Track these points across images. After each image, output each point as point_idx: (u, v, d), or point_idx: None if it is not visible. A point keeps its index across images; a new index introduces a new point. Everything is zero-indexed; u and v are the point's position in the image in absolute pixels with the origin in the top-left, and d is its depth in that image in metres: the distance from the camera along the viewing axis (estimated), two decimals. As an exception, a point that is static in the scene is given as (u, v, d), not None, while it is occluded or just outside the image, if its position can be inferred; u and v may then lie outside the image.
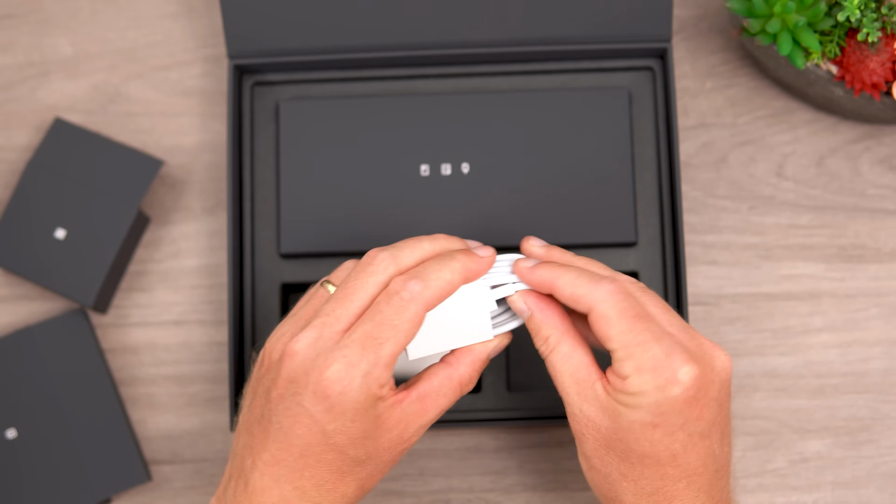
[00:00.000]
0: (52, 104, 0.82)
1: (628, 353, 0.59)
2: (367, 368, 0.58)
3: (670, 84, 0.76)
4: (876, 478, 0.76)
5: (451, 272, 0.61)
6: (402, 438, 0.61)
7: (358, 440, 0.59)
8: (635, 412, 0.58)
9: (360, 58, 0.77)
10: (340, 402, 0.58)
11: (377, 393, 0.59)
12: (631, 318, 0.59)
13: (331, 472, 0.60)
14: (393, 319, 0.59)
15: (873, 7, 0.72)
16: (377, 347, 0.59)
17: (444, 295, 0.60)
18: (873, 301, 0.78)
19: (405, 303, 0.59)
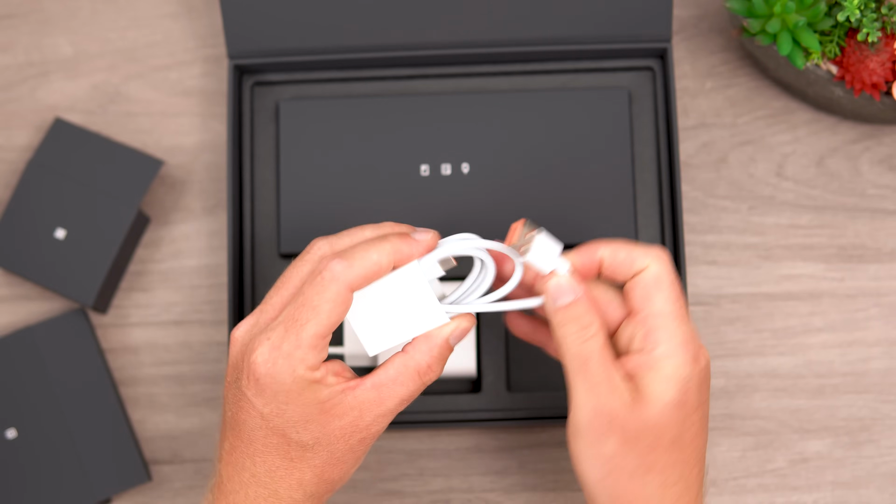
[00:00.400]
0: (53, 104, 0.82)
1: (665, 322, 0.60)
2: (288, 350, 0.58)
3: (670, 84, 0.76)
4: (876, 478, 0.76)
5: (378, 252, 0.59)
6: (356, 427, 0.60)
7: (298, 423, 0.59)
8: (667, 390, 0.59)
9: (360, 58, 0.77)
10: (269, 384, 0.59)
11: (306, 375, 0.59)
12: (678, 290, 0.61)
13: (279, 457, 0.60)
14: (313, 300, 0.58)
15: (873, 7, 0.72)
16: (298, 329, 0.58)
17: (369, 275, 0.59)
18: (873, 301, 0.78)
19: (326, 282, 0.58)
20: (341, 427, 0.60)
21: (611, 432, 0.59)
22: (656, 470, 0.59)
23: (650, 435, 0.59)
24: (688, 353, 0.60)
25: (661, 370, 0.59)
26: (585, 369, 0.60)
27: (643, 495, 0.60)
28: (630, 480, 0.60)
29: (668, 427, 0.59)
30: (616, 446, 0.59)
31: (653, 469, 0.59)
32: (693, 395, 0.60)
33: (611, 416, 0.59)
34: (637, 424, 0.59)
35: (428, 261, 0.61)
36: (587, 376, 0.60)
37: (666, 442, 0.59)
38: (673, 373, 0.59)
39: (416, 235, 0.61)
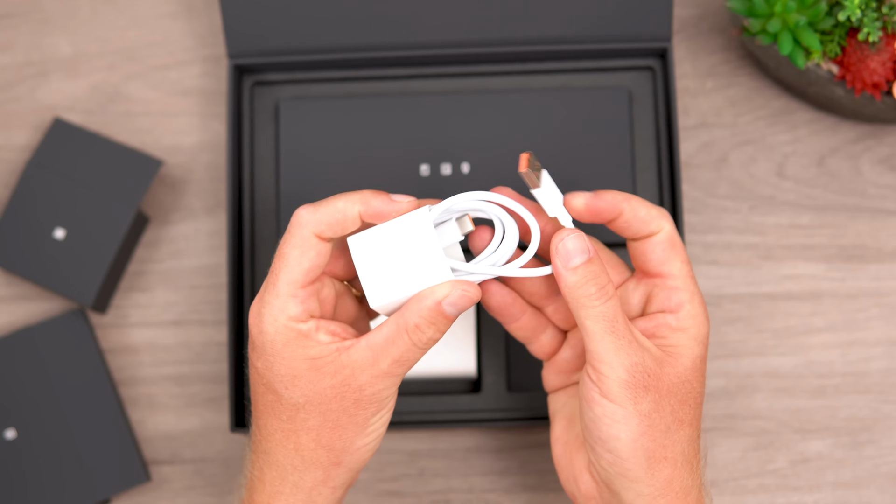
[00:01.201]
0: (52, 104, 0.81)
1: (683, 283, 0.62)
2: (269, 300, 0.59)
3: (671, 84, 0.76)
4: (877, 478, 0.76)
5: (344, 201, 0.60)
6: (349, 386, 0.59)
7: (286, 378, 0.59)
8: (694, 348, 0.61)
9: (360, 58, 0.77)
10: (258, 338, 0.60)
11: (289, 325, 0.59)
12: (685, 251, 0.63)
13: (277, 418, 0.60)
14: (283, 250, 0.60)
15: (874, 7, 0.72)
16: (275, 280, 0.59)
17: (333, 222, 0.59)
18: (874, 301, 0.78)
19: (292, 229, 0.60)
20: (333, 386, 0.59)
21: (647, 390, 0.59)
22: (686, 423, 0.61)
23: (682, 390, 0.60)
24: (705, 312, 0.62)
25: (689, 329, 0.61)
26: (614, 329, 0.59)
27: (677, 449, 0.60)
28: (665, 435, 0.60)
29: (695, 382, 0.61)
30: (652, 403, 0.60)
31: (684, 423, 0.61)
32: (704, 351, 0.62)
33: (646, 373, 0.59)
34: (671, 380, 0.60)
35: (438, 209, 0.60)
36: (617, 336, 0.59)
37: (694, 395, 0.61)
38: (698, 332, 0.61)
39: (394, 197, 0.61)
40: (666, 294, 0.62)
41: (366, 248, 0.60)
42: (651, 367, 0.60)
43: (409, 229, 0.59)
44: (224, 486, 0.77)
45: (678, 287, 0.62)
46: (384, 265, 0.59)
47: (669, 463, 0.60)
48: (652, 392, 0.59)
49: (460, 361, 0.74)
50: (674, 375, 0.60)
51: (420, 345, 0.60)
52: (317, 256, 0.59)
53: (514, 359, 0.77)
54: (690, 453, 0.61)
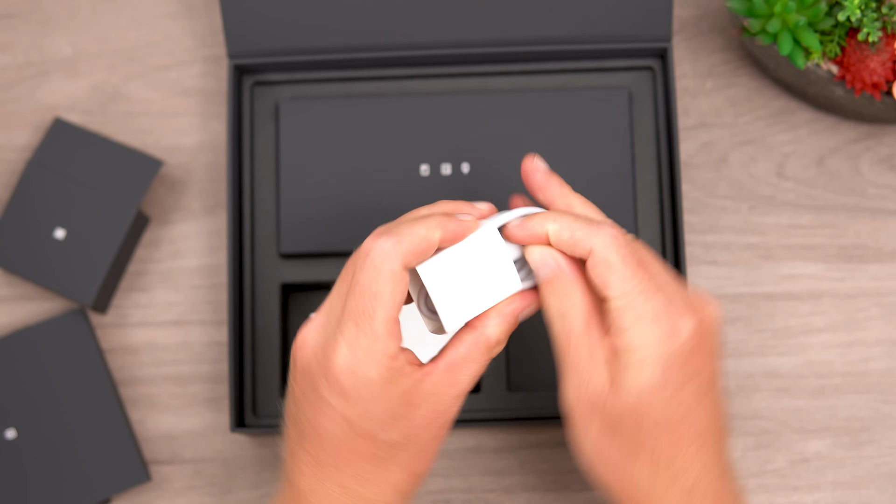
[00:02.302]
0: (52, 104, 0.82)
1: (629, 301, 0.56)
2: (367, 344, 0.55)
3: (670, 84, 0.76)
4: (877, 478, 0.76)
5: (426, 227, 0.57)
6: (437, 412, 0.58)
7: (385, 422, 0.56)
8: (642, 372, 0.56)
9: (360, 58, 0.77)
10: (353, 385, 0.56)
11: (389, 365, 0.56)
12: (634, 265, 0.56)
13: (368, 461, 0.57)
14: (371, 287, 0.56)
15: (874, 7, 0.72)
16: (369, 321, 0.56)
17: (419, 251, 0.57)
18: (874, 301, 0.78)
19: (377, 264, 0.56)
20: (423, 416, 0.57)
21: (592, 417, 0.57)
22: (644, 455, 0.57)
23: (630, 420, 0.56)
24: (661, 328, 0.56)
25: (633, 353, 0.56)
26: (567, 348, 0.57)
27: (633, 481, 0.57)
28: (617, 467, 0.57)
29: (651, 410, 0.56)
30: (598, 432, 0.57)
31: (639, 454, 0.57)
32: (678, 370, 0.56)
33: (591, 400, 0.57)
34: (616, 409, 0.56)
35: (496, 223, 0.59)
36: (569, 356, 0.57)
37: (650, 425, 0.56)
38: (647, 354, 0.56)
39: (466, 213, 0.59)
40: (611, 317, 0.57)
41: (436, 273, 0.59)
42: (597, 395, 0.57)
43: (477, 248, 0.59)
44: (224, 486, 0.77)
45: (620, 308, 0.56)
46: (455, 286, 0.59)
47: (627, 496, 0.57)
48: (597, 420, 0.57)
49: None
50: (619, 405, 0.56)
51: (493, 357, 0.59)
52: (405, 288, 0.57)
53: (514, 359, 0.77)
54: (658, 484, 0.57)
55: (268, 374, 0.76)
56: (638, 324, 0.56)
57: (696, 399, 0.57)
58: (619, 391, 0.56)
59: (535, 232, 0.58)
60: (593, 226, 0.57)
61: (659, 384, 0.56)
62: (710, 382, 0.57)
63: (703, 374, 0.57)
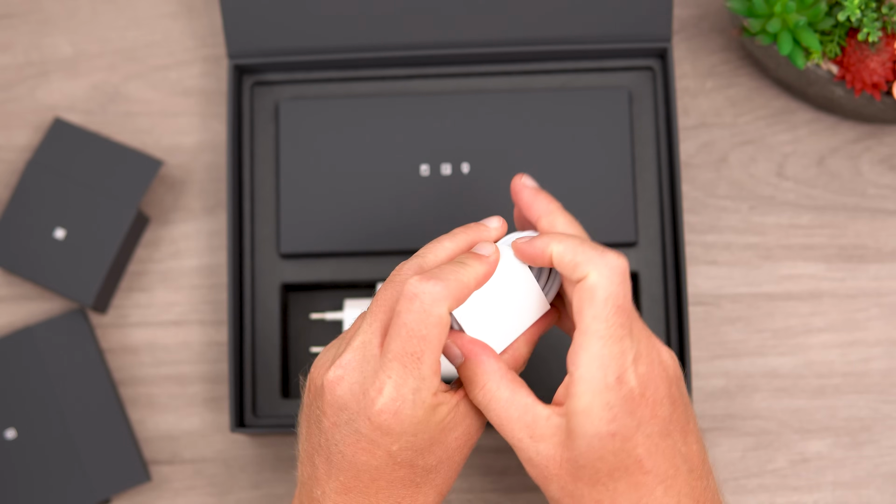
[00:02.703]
0: (52, 104, 0.81)
1: (588, 342, 0.56)
2: (415, 386, 0.57)
3: (670, 84, 0.76)
4: (876, 478, 0.76)
5: (466, 274, 0.59)
6: (469, 434, 0.59)
7: (426, 450, 0.58)
8: (590, 423, 0.56)
9: (360, 58, 0.77)
10: (398, 423, 0.57)
11: (432, 402, 0.57)
12: (613, 308, 0.57)
13: (405, 486, 0.58)
14: (420, 331, 0.57)
15: (874, 7, 0.72)
16: (417, 364, 0.57)
17: (461, 296, 0.58)
18: (874, 301, 0.78)
19: (427, 308, 0.57)
20: (457, 438, 0.59)
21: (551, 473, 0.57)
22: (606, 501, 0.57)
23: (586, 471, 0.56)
24: (607, 376, 0.56)
25: (580, 398, 0.56)
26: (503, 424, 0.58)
27: None
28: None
29: (603, 459, 0.56)
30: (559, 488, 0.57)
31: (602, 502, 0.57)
32: (625, 418, 0.56)
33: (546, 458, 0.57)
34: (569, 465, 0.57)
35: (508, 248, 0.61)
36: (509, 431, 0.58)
37: (605, 472, 0.56)
38: (592, 401, 0.56)
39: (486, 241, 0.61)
40: (571, 351, 0.57)
41: (471, 312, 0.60)
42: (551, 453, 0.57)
43: (503, 278, 0.61)
44: (224, 486, 0.77)
45: (580, 346, 0.57)
46: (489, 319, 0.60)
47: None
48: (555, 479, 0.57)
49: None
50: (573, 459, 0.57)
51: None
52: (447, 331, 0.58)
53: (514, 359, 0.77)
54: None
55: (268, 375, 0.76)
56: (588, 366, 0.56)
57: (649, 447, 0.57)
58: (572, 444, 0.57)
59: (539, 252, 0.59)
60: (600, 251, 0.58)
61: (607, 436, 0.56)
62: (664, 428, 0.57)
63: (655, 419, 0.57)
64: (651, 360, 0.58)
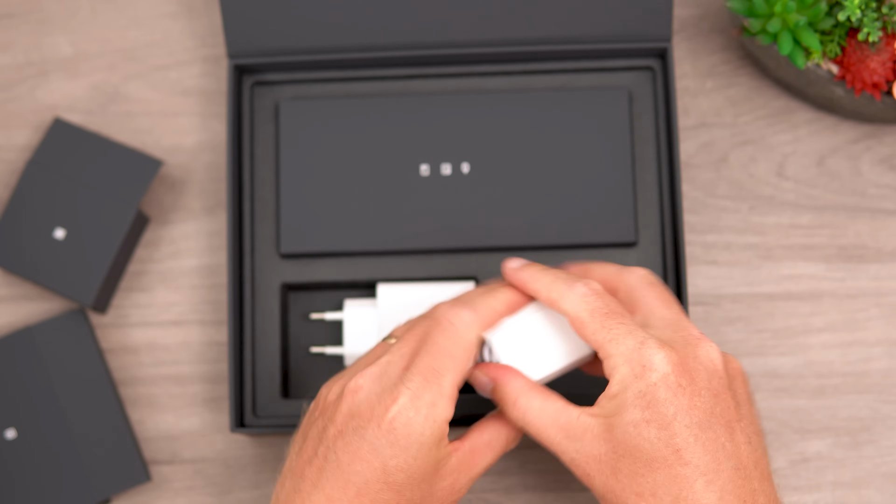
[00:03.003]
0: (52, 104, 0.82)
1: (604, 352, 0.59)
2: (431, 400, 0.58)
3: (670, 84, 0.76)
4: (876, 478, 0.76)
5: (495, 300, 0.62)
6: (453, 489, 0.60)
7: (416, 481, 0.58)
8: (625, 413, 0.57)
9: (360, 58, 0.77)
10: (406, 435, 0.57)
11: (442, 428, 0.58)
12: (602, 317, 0.59)
13: None
14: (449, 349, 0.59)
15: (874, 7, 0.72)
16: (439, 378, 0.58)
17: (490, 322, 0.61)
18: (874, 301, 0.78)
19: (458, 330, 0.59)
20: (443, 488, 0.60)
21: (592, 470, 0.58)
22: (647, 494, 0.57)
23: (626, 462, 0.57)
24: (634, 366, 0.58)
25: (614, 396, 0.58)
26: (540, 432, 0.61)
27: None
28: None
29: (640, 448, 0.57)
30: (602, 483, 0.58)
31: (643, 494, 0.57)
32: (661, 406, 0.57)
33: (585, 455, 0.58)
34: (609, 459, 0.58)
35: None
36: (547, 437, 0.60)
37: (643, 462, 0.57)
38: (626, 396, 0.57)
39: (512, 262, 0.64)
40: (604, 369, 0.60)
41: (506, 339, 0.63)
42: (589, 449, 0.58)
43: (540, 314, 0.63)
44: (224, 486, 0.77)
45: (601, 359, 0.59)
46: (524, 351, 0.62)
47: None
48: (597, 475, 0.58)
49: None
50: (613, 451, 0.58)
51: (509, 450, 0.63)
52: (473, 357, 0.61)
53: (514, 359, 0.77)
54: None
55: (268, 375, 0.76)
56: (614, 369, 0.58)
57: (689, 435, 0.57)
58: (609, 436, 0.58)
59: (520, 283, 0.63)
60: (567, 284, 0.61)
61: (642, 424, 0.57)
62: (706, 420, 0.57)
63: (694, 410, 0.57)
64: (682, 351, 0.58)
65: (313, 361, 0.77)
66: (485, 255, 0.76)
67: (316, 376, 0.77)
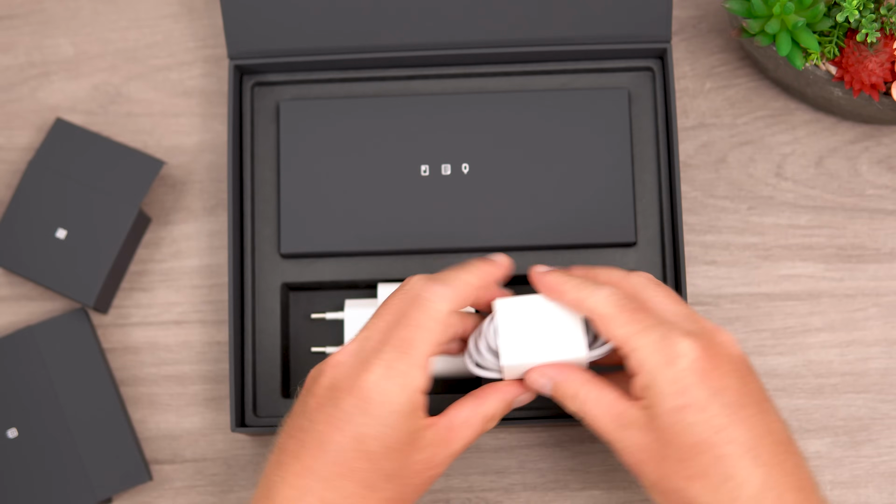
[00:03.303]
0: (53, 104, 0.82)
1: (631, 345, 0.61)
2: (404, 370, 0.60)
3: (670, 84, 0.76)
4: (875, 477, 0.76)
5: (469, 275, 0.64)
6: (431, 464, 0.62)
7: (391, 450, 0.60)
8: (662, 402, 0.59)
9: (360, 58, 0.77)
10: (380, 404, 0.59)
11: (414, 399, 0.60)
12: (628, 312, 0.61)
13: (360, 484, 0.60)
14: (422, 322, 0.61)
15: (872, 7, 0.72)
16: (412, 349, 0.60)
17: (464, 296, 0.63)
18: (872, 301, 0.78)
19: (435, 305, 0.61)
20: (420, 461, 0.61)
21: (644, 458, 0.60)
22: (697, 477, 0.59)
23: (672, 449, 0.59)
24: (662, 356, 0.60)
25: (650, 388, 0.60)
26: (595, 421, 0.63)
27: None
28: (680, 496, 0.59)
29: (683, 432, 0.59)
30: (653, 471, 0.60)
31: (693, 477, 0.59)
32: (695, 390, 0.59)
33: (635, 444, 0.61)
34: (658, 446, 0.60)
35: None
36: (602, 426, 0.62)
37: (689, 446, 0.59)
38: (660, 386, 0.59)
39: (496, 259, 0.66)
40: (627, 364, 0.62)
41: (510, 312, 0.65)
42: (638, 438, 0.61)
43: (553, 306, 0.65)
44: (224, 486, 0.77)
45: (628, 353, 0.61)
46: (523, 331, 0.64)
47: None
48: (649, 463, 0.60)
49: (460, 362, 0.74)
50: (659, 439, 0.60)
51: (487, 430, 0.65)
52: (448, 334, 0.63)
53: (514, 358, 0.77)
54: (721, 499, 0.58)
55: (268, 374, 0.76)
56: (643, 362, 0.60)
57: (728, 414, 0.59)
58: (653, 425, 0.59)
59: (549, 286, 0.65)
60: (594, 288, 0.63)
61: (681, 409, 0.59)
62: (740, 399, 0.59)
63: (728, 391, 0.59)
64: (703, 338, 0.61)
65: (314, 361, 0.78)
66: (485, 255, 0.76)
67: (316, 376, 0.77)
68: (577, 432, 0.77)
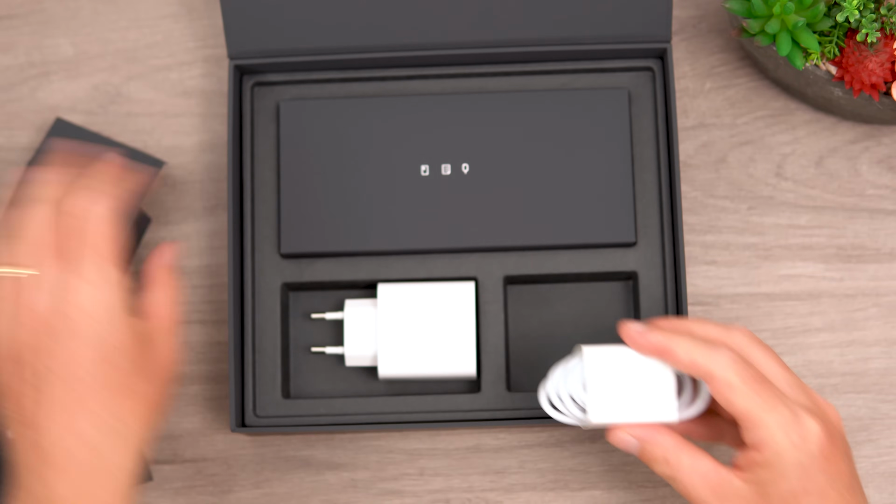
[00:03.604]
0: (53, 104, 0.82)
1: (758, 419, 0.60)
2: (106, 275, 0.63)
3: (670, 84, 0.76)
4: (875, 477, 0.76)
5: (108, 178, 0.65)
6: (166, 350, 0.66)
7: (130, 350, 0.63)
8: (782, 482, 0.59)
9: (360, 58, 0.77)
10: (99, 309, 0.62)
11: (125, 297, 0.63)
12: (754, 383, 0.60)
13: (121, 395, 0.62)
14: (89, 230, 0.63)
15: (872, 7, 0.72)
16: (103, 257, 0.63)
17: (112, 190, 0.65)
18: (872, 301, 0.78)
19: (92, 214, 0.64)
20: (154, 352, 0.66)
21: None
22: None
23: None
24: (793, 437, 0.60)
25: (770, 465, 0.60)
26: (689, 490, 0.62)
27: None
28: None
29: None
30: None
31: None
32: (817, 475, 0.59)
33: None
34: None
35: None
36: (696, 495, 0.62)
37: None
38: (784, 467, 0.59)
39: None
40: (744, 436, 0.61)
41: (598, 363, 0.64)
42: None
43: (644, 361, 0.64)
44: (224, 486, 0.77)
45: (752, 427, 0.60)
46: (613, 387, 0.63)
47: None
48: None
49: (460, 362, 0.74)
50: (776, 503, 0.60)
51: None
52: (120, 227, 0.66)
53: (514, 359, 0.77)
54: None
55: (268, 374, 0.76)
56: (771, 438, 0.60)
57: (842, 499, 0.60)
58: (764, 501, 0.60)
59: (655, 346, 0.63)
60: (710, 348, 0.61)
61: (801, 489, 0.59)
62: (850, 482, 0.61)
63: (842, 475, 0.60)
64: (822, 417, 0.61)
65: (314, 361, 0.78)
66: (485, 255, 0.76)
67: (316, 376, 0.77)
68: (577, 432, 0.77)
